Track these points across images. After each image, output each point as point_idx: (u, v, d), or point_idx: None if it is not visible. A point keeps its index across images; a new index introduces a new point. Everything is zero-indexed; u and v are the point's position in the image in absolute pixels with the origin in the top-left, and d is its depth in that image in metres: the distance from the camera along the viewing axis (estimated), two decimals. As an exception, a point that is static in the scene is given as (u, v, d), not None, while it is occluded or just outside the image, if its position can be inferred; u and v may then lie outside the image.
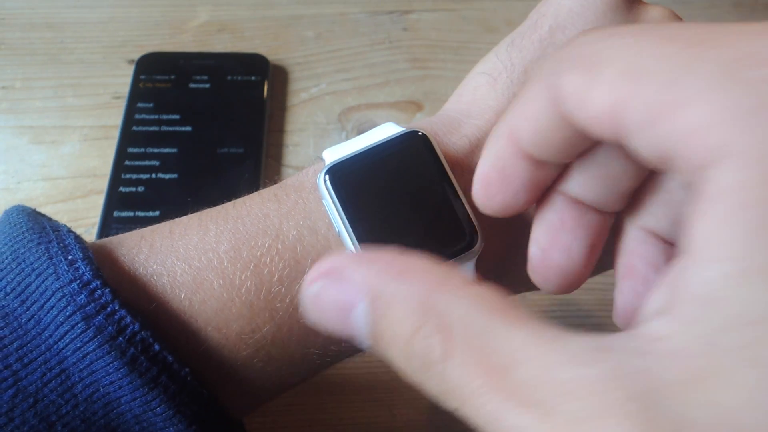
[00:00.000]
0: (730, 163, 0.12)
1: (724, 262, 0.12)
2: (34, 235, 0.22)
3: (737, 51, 0.13)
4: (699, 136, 0.13)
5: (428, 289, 0.15)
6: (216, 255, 0.23)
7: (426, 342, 0.14)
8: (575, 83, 0.16)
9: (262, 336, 0.23)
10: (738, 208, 0.12)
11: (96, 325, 0.21)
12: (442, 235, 0.23)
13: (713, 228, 0.12)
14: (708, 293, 0.12)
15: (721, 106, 0.13)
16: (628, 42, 0.15)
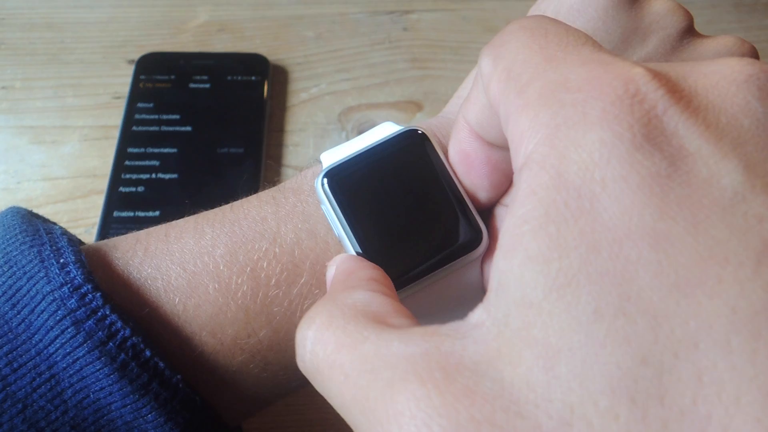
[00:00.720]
0: (530, 169, 0.14)
1: (513, 253, 0.14)
2: (26, 238, 0.22)
3: (560, 76, 0.15)
4: (518, 143, 0.15)
5: (341, 288, 0.18)
6: (212, 259, 0.23)
7: (305, 322, 0.17)
8: (486, 68, 0.18)
9: (258, 341, 0.23)
10: (529, 207, 0.14)
11: (86, 329, 0.21)
12: (446, 235, 0.22)
13: (511, 224, 0.14)
14: (501, 281, 0.14)
15: (536, 122, 0.15)
16: (522, 39, 0.17)
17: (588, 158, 0.14)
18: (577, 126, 0.14)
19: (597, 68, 0.15)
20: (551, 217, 0.14)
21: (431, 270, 0.22)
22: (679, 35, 0.25)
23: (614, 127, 0.14)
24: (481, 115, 0.19)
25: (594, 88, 0.14)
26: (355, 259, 0.20)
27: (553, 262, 0.13)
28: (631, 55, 0.25)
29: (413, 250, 0.22)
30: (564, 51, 0.16)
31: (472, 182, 0.22)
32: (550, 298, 0.13)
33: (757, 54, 0.26)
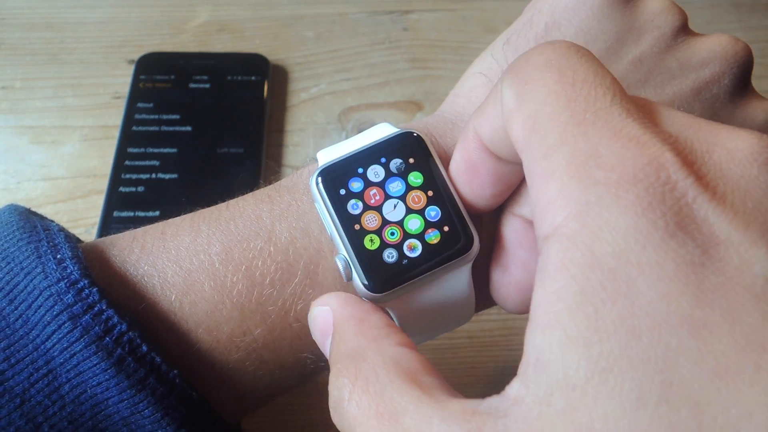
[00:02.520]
0: (560, 243, 0.15)
1: (551, 331, 0.14)
2: (24, 234, 0.22)
3: (591, 147, 0.15)
4: (544, 209, 0.15)
5: (365, 342, 0.18)
6: (207, 257, 0.23)
7: (340, 379, 0.17)
8: (508, 100, 0.18)
9: (253, 339, 0.23)
10: (563, 283, 0.14)
11: (83, 324, 0.21)
12: (438, 238, 0.22)
13: (545, 299, 0.15)
14: (540, 359, 0.14)
15: (565, 194, 0.15)
16: (549, 84, 0.17)
17: (623, 242, 0.14)
18: (610, 208, 0.14)
19: (629, 146, 0.15)
20: (587, 296, 0.14)
21: (421, 272, 0.22)
22: (673, 34, 0.26)
23: (648, 214, 0.14)
24: (495, 135, 0.20)
25: (627, 172, 0.15)
26: (354, 301, 0.20)
27: (594, 346, 0.14)
28: (626, 53, 0.25)
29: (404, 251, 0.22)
30: (594, 114, 0.16)
31: (473, 190, 0.22)
32: (593, 382, 0.13)
33: (750, 52, 0.26)
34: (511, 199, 0.23)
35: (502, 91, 0.18)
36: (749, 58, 0.26)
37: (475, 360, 0.38)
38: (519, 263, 0.23)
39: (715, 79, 0.25)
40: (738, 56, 0.26)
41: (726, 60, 0.25)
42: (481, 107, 0.20)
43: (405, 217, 0.22)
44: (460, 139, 0.22)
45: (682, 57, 0.25)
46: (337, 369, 0.18)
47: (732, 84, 0.26)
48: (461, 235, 0.22)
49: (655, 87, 0.25)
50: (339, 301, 0.20)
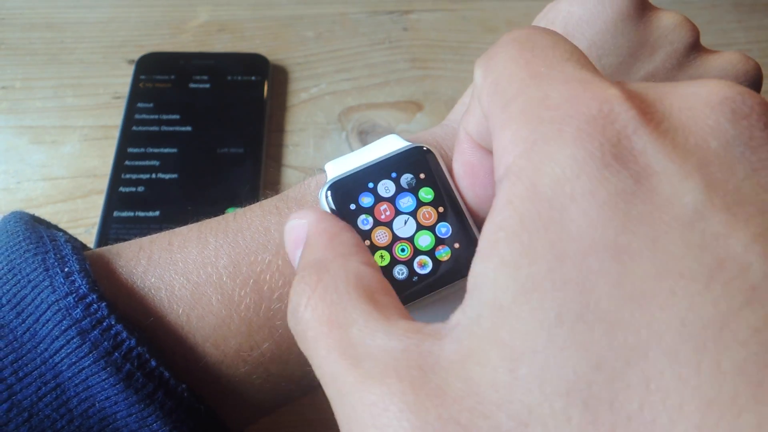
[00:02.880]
0: (509, 179, 0.15)
1: (488, 258, 0.15)
2: (30, 245, 0.22)
3: (542, 93, 0.16)
4: (500, 155, 0.16)
5: (332, 255, 0.19)
6: (215, 270, 0.23)
7: (300, 285, 0.18)
8: (477, 79, 0.18)
9: (260, 353, 0.23)
10: (506, 215, 0.15)
11: (91, 340, 0.21)
12: (448, 255, 0.22)
13: (488, 230, 0.15)
14: (476, 284, 0.15)
15: (516, 136, 0.15)
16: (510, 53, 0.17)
17: (560, 172, 0.14)
18: (552, 142, 0.15)
19: (576, 87, 0.15)
20: (525, 225, 0.14)
21: (431, 289, 0.22)
22: (686, 50, 0.26)
23: (586, 145, 0.14)
24: (480, 126, 0.20)
25: (571, 107, 0.15)
26: (330, 218, 0.20)
27: (523, 268, 0.14)
28: (639, 69, 0.25)
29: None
30: (548, 67, 0.16)
31: (476, 194, 0.22)
32: (518, 301, 0.14)
33: (760, 70, 0.26)
34: None
35: (474, 76, 0.19)
36: (759, 77, 0.26)
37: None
38: None
39: None
40: (749, 75, 0.26)
41: (737, 79, 0.26)
42: (467, 107, 0.21)
43: (416, 234, 0.22)
44: (456, 144, 0.22)
45: (694, 74, 0.26)
46: (300, 276, 0.18)
47: None
48: (472, 252, 0.22)
49: None
50: (315, 215, 0.20)
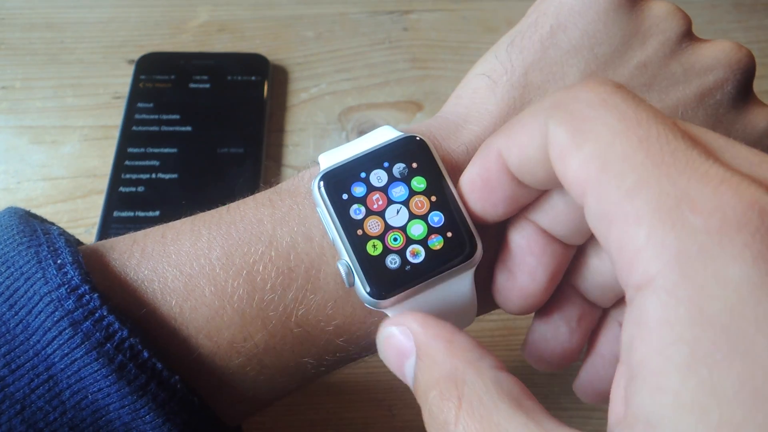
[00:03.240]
0: (658, 296, 0.14)
1: (660, 393, 0.14)
2: (24, 239, 0.22)
3: (679, 190, 0.15)
4: (631, 257, 0.15)
5: (460, 362, 0.18)
6: (208, 261, 0.23)
7: (444, 403, 0.18)
8: (561, 138, 0.17)
9: (254, 344, 0.23)
10: (668, 342, 0.14)
11: (83, 331, 0.21)
12: (441, 243, 0.22)
13: (650, 358, 0.14)
14: (651, 422, 0.14)
15: (659, 242, 0.14)
16: (611, 123, 0.17)
17: (735, 296, 0.13)
18: (716, 259, 0.14)
19: (723, 191, 0.15)
20: (699, 357, 0.13)
21: (424, 278, 0.22)
22: (677, 39, 0.26)
23: (760, 263, 0.13)
24: (526, 163, 0.20)
25: (728, 217, 0.14)
26: (433, 321, 0.20)
27: (713, 412, 0.13)
28: (631, 57, 0.25)
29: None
30: (672, 155, 0.15)
31: (485, 207, 0.22)
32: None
33: (753, 59, 0.26)
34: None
35: (549, 127, 0.18)
36: (752, 65, 0.26)
37: (475, 360, 0.38)
38: (526, 269, 0.23)
39: (718, 86, 0.25)
40: (741, 63, 0.26)
41: (730, 67, 0.26)
42: (511, 132, 0.20)
43: (408, 223, 0.22)
44: (479, 156, 0.22)
45: (686, 63, 0.25)
46: (438, 393, 0.18)
47: (735, 91, 0.26)
48: (465, 241, 0.22)
49: (659, 92, 0.25)
50: (418, 321, 0.20)
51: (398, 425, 0.35)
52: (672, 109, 0.25)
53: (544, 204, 0.22)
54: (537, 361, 0.25)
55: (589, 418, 0.36)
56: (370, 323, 0.24)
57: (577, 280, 0.24)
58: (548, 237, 0.23)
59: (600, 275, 0.23)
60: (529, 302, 0.23)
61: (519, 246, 0.23)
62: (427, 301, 0.22)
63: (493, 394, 0.17)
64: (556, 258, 0.23)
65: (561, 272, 0.23)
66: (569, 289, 0.24)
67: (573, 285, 0.24)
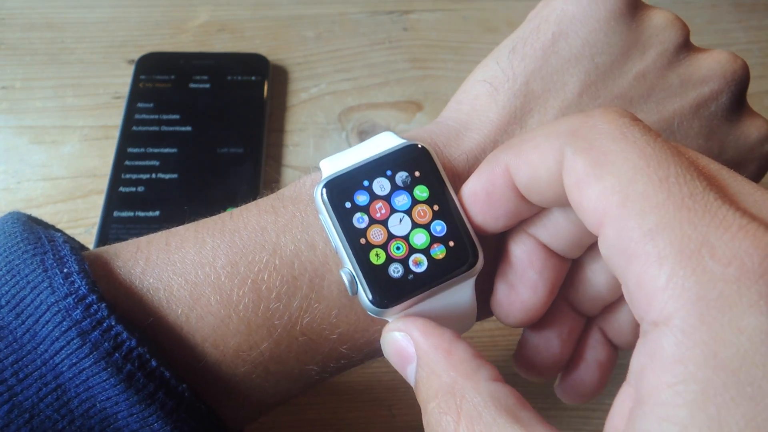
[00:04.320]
0: (674, 335, 0.15)
1: (670, 425, 0.15)
2: (29, 246, 0.22)
3: (701, 236, 0.15)
4: (649, 295, 0.16)
5: (458, 375, 0.19)
6: (213, 270, 0.23)
7: (443, 417, 0.18)
8: (579, 167, 0.18)
9: (260, 353, 0.23)
10: (680, 379, 0.15)
11: (92, 341, 0.21)
12: (443, 254, 0.22)
13: (660, 391, 0.15)
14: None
15: (678, 285, 0.15)
16: (631, 159, 0.17)
17: (748, 343, 0.14)
18: (734, 307, 0.15)
19: (741, 239, 0.15)
20: (709, 397, 0.14)
21: (426, 287, 0.22)
22: (676, 50, 0.26)
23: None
24: (536, 183, 0.20)
25: (746, 267, 0.15)
26: (434, 328, 0.21)
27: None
28: (631, 67, 0.25)
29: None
30: (692, 199, 0.16)
31: (486, 219, 0.22)
32: None
33: (747, 70, 0.27)
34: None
35: (567, 154, 0.18)
36: (746, 76, 0.27)
37: (475, 360, 0.38)
38: (527, 283, 0.23)
39: (713, 97, 0.26)
40: (736, 74, 0.26)
41: (725, 78, 0.26)
42: (521, 150, 0.20)
43: (411, 232, 0.22)
44: (485, 169, 0.22)
45: (683, 74, 0.26)
46: (436, 406, 0.19)
47: (729, 101, 0.26)
48: (466, 251, 0.22)
49: (656, 103, 0.25)
50: (419, 328, 0.21)
51: (398, 425, 0.35)
52: (668, 120, 0.25)
53: (545, 219, 0.22)
54: (529, 371, 0.25)
55: (589, 418, 0.36)
56: (374, 331, 0.24)
57: (569, 291, 0.24)
58: (548, 251, 0.23)
59: (592, 287, 0.24)
60: (530, 315, 0.23)
61: (520, 260, 0.23)
62: (429, 309, 0.23)
63: (490, 409, 0.18)
64: (556, 271, 0.23)
65: (558, 285, 0.24)
66: (560, 301, 0.25)
67: (563, 296, 0.24)
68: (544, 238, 0.23)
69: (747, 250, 0.15)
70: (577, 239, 0.22)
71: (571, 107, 0.25)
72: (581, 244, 0.23)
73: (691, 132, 0.25)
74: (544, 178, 0.19)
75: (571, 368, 0.26)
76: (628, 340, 0.25)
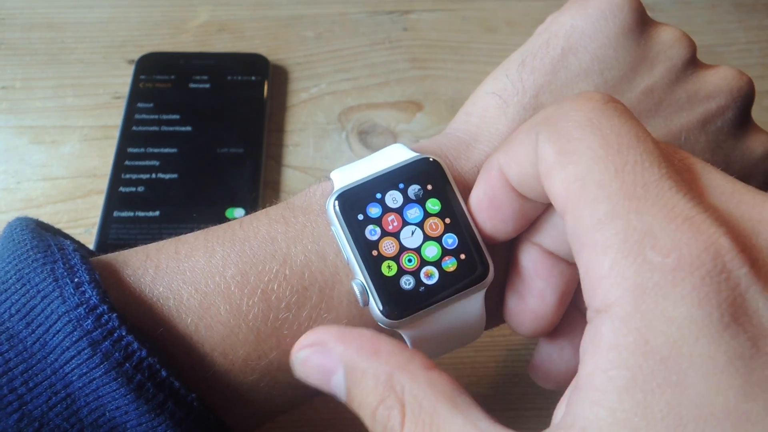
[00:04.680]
0: (612, 322, 0.15)
1: (599, 407, 0.15)
2: (39, 255, 0.22)
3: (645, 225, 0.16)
4: (594, 281, 0.16)
5: (393, 369, 0.19)
6: (223, 279, 0.23)
7: (388, 412, 0.18)
8: (548, 154, 0.18)
9: (268, 362, 0.23)
10: (614, 364, 0.15)
11: (103, 351, 0.21)
12: (455, 266, 0.22)
13: (595, 375, 0.15)
14: (586, 427, 0.15)
15: (620, 273, 0.16)
16: (593, 147, 0.17)
17: (677, 333, 0.15)
18: (667, 297, 0.15)
19: (684, 230, 0.15)
20: (638, 383, 0.15)
21: (437, 299, 0.22)
22: (683, 66, 0.26)
23: (704, 306, 0.15)
24: (524, 178, 0.20)
25: (684, 258, 0.15)
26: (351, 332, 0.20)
27: (640, 429, 0.14)
28: (639, 83, 0.26)
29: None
30: (644, 188, 0.16)
31: (495, 225, 0.23)
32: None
33: (752, 86, 0.27)
34: (529, 227, 0.23)
35: (539, 143, 0.18)
36: (752, 92, 0.27)
37: (475, 360, 0.38)
38: (535, 292, 0.23)
39: (720, 113, 0.26)
40: (742, 90, 0.26)
41: (731, 94, 0.26)
42: (509, 148, 0.21)
43: (422, 244, 0.22)
44: (483, 174, 0.22)
45: (690, 89, 0.26)
46: (379, 402, 0.18)
47: (735, 117, 0.26)
48: (477, 264, 0.23)
49: (664, 118, 0.26)
50: (334, 336, 0.20)
51: (398, 425, 0.35)
52: (676, 135, 0.25)
53: (546, 225, 0.23)
54: (544, 380, 0.25)
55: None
56: None
57: (579, 299, 0.24)
58: (554, 258, 0.23)
59: None
60: (542, 324, 0.24)
61: (526, 270, 0.23)
62: (438, 321, 0.23)
63: (430, 397, 0.18)
64: (564, 278, 0.23)
65: (570, 291, 0.24)
66: (571, 309, 0.24)
67: (574, 304, 0.24)
68: (548, 244, 0.23)
69: (687, 242, 0.15)
70: None
71: None
72: None
73: (698, 146, 0.26)
74: (530, 171, 0.20)
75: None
76: None
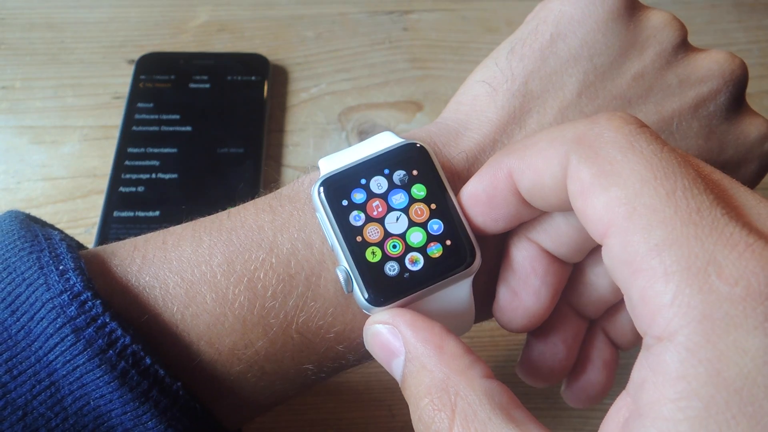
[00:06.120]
0: (678, 352, 0.15)
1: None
2: (25, 244, 0.22)
3: (707, 253, 0.15)
4: (654, 310, 0.16)
5: (451, 372, 0.19)
6: (209, 268, 0.23)
7: (437, 414, 0.18)
8: (584, 176, 0.18)
9: (255, 351, 0.23)
10: (683, 395, 0.15)
11: (86, 337, 0.21)
12: (440, 252, 0.22)
13: (663, 405, 0.15)
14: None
15: (684, 303, 0.15)
16: (638, 170, 0.17)
17: (751, 364, 0.15)
18: (739, 328, 0.15)
19: (749, 258, 0.15)
20: (712, 414, 0.14)
21: (422, 286, 0.22)
22: (674, 50, 0.26)
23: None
24: (538, 189, 0.20)
25: (752, 287, 0.15)
26: (425, 323, 0.20)
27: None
28: (629, 68, 0.25)
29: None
30: (699, 214, 0.16)
31: (485, 220, 0.22)
32: None
33: (745, 69, 0.27)
34: (526, 222, 0.23)
35: (572, 162, 0.18)
36: (745, 76, 0.27)
37: (474, 360, 0.38)
38: (530, 290, 0.23)
39: (712, 97, 0.26)
40: (734, 74, 0.26)
41: (723, 77, 0.26)
42: (525, 154, 0.20)
43: (407, 230, 0.22)
44: (487, 171, 0.22)
45: (681, 73, 0.26)
46: (429, 402, 0.18)
47: (728, 101, 0.26)
48: (464, 250, 0.22)
49: (655, 103, 0.25)
50: (407, 321, 0.20)
51: (398, 425, 0.35)
52: (668, 120, 0.25)
53: (546, 225, 0.22)
54: (534, 378, 0.25)
55: (588, 418, 0.36)
56: None
57: (571, 295, 0.24)
58: (550, 257, 0.23)
59: (595, 290, 0.24)
60: (533, 321, 0.24)
61: (522, 266, 0.23)
62: (425, 308, 0.22)
63: (485, 407, 0.18)
64: (558, 277, 0.23)
65: (561, 290, 0.24)
66: (563, 306, 0.24)
67: (566, 301, 0.24)
68: (546, 243, 0.23)
69: (753, 270, 0.15)
70: (579, 244, 0.22)
71: (569, 107, 0.25)
72: (583, 249, 0.23)
73: (691, 132, 0.25)
74: (549, 184, 0.19)
75: (579, 371, 0.26)
76: (630, 340, 0.25)
